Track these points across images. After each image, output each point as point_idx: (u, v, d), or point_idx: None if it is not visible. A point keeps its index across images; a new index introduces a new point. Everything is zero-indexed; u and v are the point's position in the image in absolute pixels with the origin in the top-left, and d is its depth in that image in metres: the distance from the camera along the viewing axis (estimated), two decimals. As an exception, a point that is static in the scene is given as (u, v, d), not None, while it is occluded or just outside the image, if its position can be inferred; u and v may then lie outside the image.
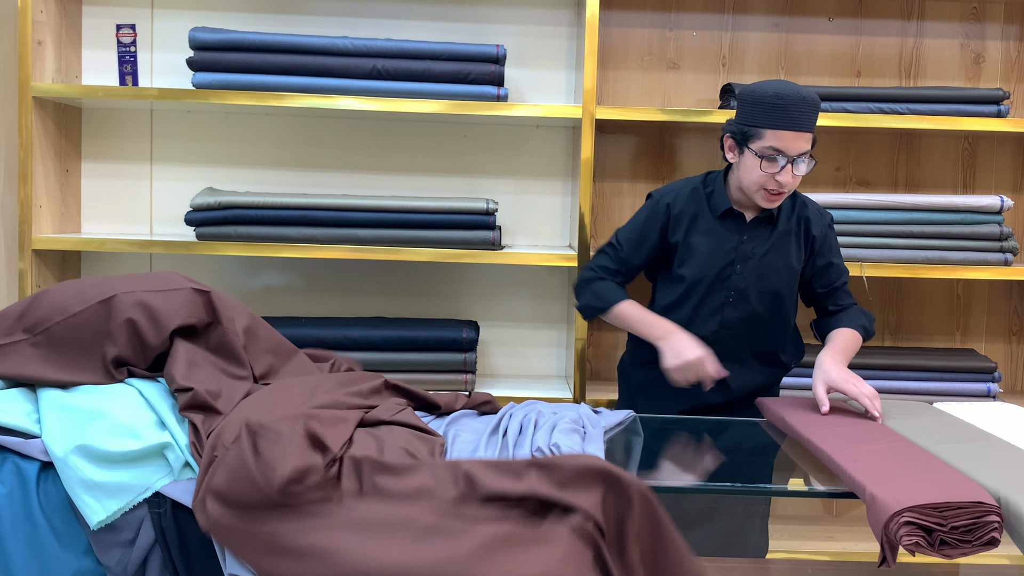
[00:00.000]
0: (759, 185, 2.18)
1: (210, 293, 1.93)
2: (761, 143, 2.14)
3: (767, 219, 2.30)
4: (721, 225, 2.29)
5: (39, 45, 2.78)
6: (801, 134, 2.12)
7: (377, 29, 3.06)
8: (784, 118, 2.11)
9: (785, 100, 2.10)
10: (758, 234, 2.29)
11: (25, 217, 2.76)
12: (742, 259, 2.28)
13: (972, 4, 3.16)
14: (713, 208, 2.30)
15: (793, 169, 2.14)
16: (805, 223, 2.32)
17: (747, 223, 2.29)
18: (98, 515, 1.62)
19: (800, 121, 2.11)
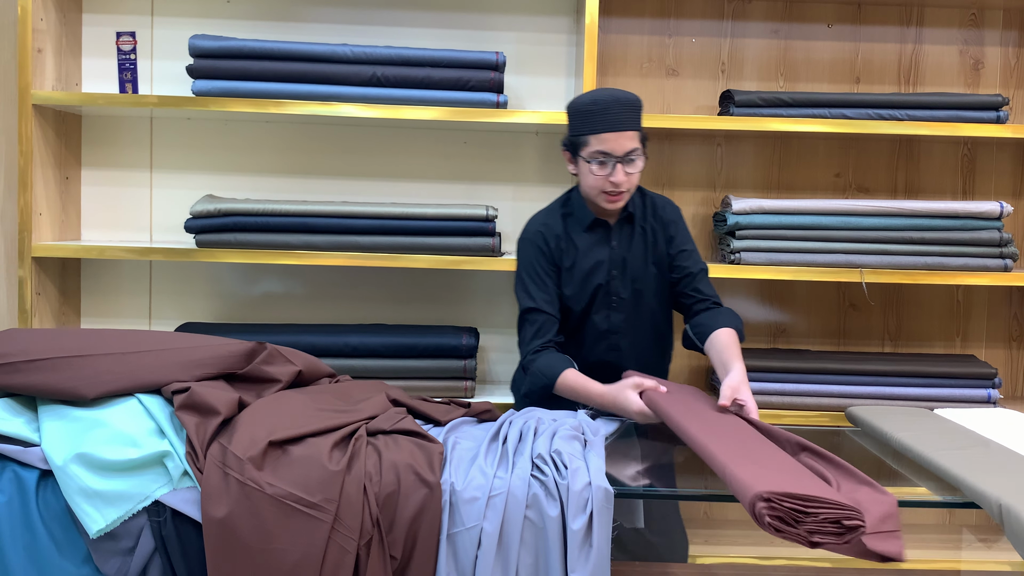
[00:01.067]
0: (597, 189, 2.27)
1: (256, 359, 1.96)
2: (589, 149, 2.24)
3: (628, 220, 2.37)
4: (591, 237, 2.37)
5: (39, 53, 2.79)
6: (622, 134, 2.21)
7: (377, 36, 3.06)
8: (602, 122, 2.21)
9: (600, 105, 2.22)
10: (624, 237, 2.37)
11: (25, 225, 2.76)
12: (616, 264, 2.35)
13: (971, 10, 3.16)
14: (580, 223, 2.37)
15: (624, 168, 2.22)
16: (657, 216, 2.39)
17: (612, 228, 2.36)
18: (97, 524, 1.62)
19: (617, 122, 2.21)
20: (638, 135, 2.24)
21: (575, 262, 2.36)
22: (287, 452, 1.69)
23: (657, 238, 2.38)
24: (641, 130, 2.26)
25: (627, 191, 2.27)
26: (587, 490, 1.68)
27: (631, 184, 2.26)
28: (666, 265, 2.39)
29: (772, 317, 3.21)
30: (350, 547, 1.61)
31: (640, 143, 2.25)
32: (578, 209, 2.38)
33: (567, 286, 2.36)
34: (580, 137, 2.25)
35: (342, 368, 2.74)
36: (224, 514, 1.59)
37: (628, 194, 2.29)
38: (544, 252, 2.36)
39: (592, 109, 2.23)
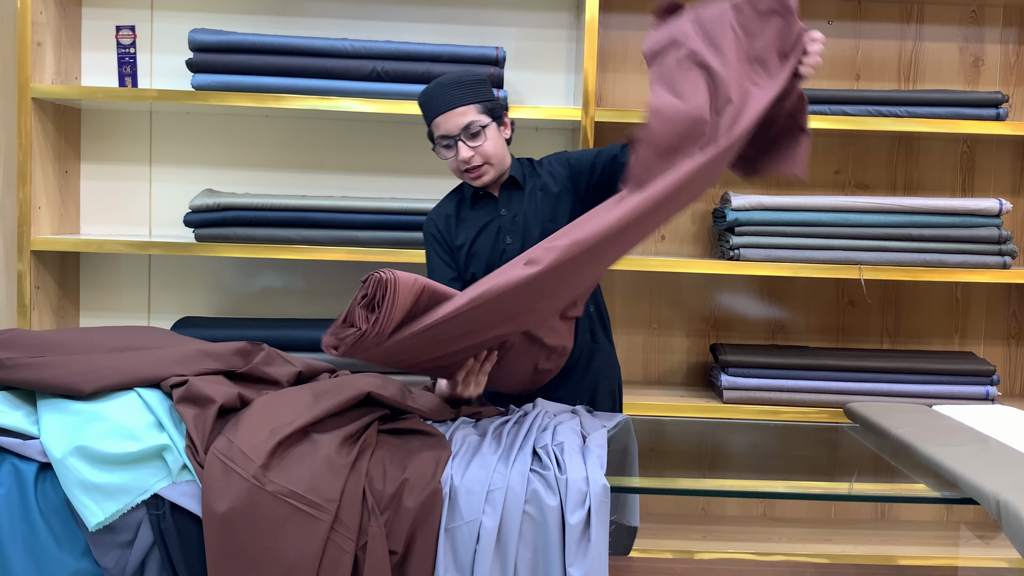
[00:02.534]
0: (457, 171, 2.27)
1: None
2: (436, 137, 2.25)
3: (515, 186, 2.34)
4: (478, 212, 2.35)
5: (39, 46, 2.78)
6: (451, 112, 2.19)
7: (377, 31, 3.06)
8: (431, 108, 2.22)
9: (427, 94, 2.23)
10: (511, 202, 2.33)
11: (24, 218, 2.76)
12: (507, 230, 2.32)
13: (971, 7, 3.16)
14: (467, 201, 2.37)
15: (468, 143, 2.21)
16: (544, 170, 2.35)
17: (499, 198, 2.34)
18: (96, 517, 1.62)
19: (442, 103, 2.20)
20: (475, 107, 2.20)
21: (467, 239, 2.34)
22: (293, 449, 1.69)
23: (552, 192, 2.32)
24: (481, 101, 2.21)
25: (484, 164, 2.23)
26: (585, 485, 1.68)
27: (485, 155, 2.22)
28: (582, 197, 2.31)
29: (771, 314, 3.21)
30: (348, 547, 1.61)
31: (483, 113, 2.21)
32: (467, 192, 2.37)
33: (466, 263, 2.34)
34: (429, 129, 2.26)
35: (341, 363, 2.75)
36: (225, 509, 1.60)
37: (491, 167, 2.25)
38: (437, 238, 2.37)
39: (423, 100, 2.24)
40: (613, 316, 3.18)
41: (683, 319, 3.21)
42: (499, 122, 2.26)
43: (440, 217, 2.38)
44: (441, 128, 2.21)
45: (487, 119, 2.22)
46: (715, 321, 3.21)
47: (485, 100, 2.22)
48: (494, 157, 2.24)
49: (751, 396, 2.88)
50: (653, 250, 3.18)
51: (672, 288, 3.20)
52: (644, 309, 3.21)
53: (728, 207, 2.89)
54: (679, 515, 3.22)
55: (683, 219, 3.17)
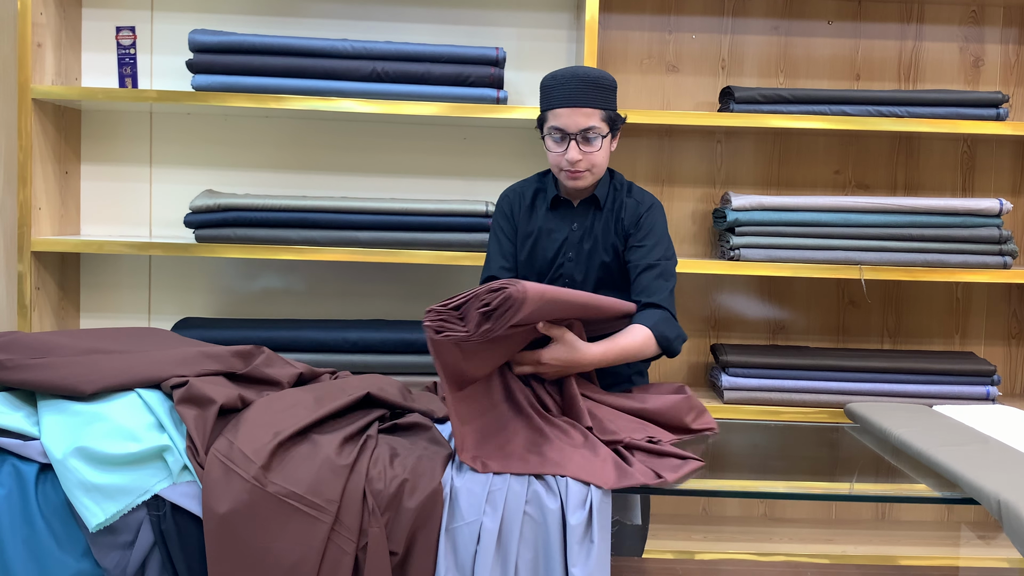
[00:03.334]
0: (557, 166, 2.24)
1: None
2: (548, 125, 2.21)
3: (594, 205, 2.32)
4: (553, 215, 2.33)
5: (39, 47, 2.78)
6: (577, 110, 2.15)
7: (377, 32, 3.06)
8: (558, 97, 2.17)
9: (558, 80, 2.18)
10: (586, 220, 2.31)
11: (24, 219, 2.76)
12: (572, 245, 2.31)
13: (971, 7, 3.16)
14: (545, 199, 2.34)
15: (580, 146, 2.17)
16: (620, 206, 2.31)
17: (575, 209, 2.32)
18: (97, 517, 1.62)
19: (572, 97, 2.15)
20: (600, 113, 2.17)
21: (532, 232, 2.33)
22: (293, 450, 1.69)
23: (623, 224, 2.30)
24: (607, 109, 2.19)
25: (587, 170, 2.21)
26: (586, 485, 1.68)
27: (590, 163, 2.20)
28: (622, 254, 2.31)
29: (771, 314, 3.21)
30: (348, 548, 1.61)
31: (604, 122, 2.19)
32: (548, 185, 2.36)
33: (521, 253, 2.34)
34: (543, 114, 2.23)
35: (342, 363, 2.75)
36: (226, 510, 1.60)
37: (591, 174, 2.23)
38: (507, 215, 2.36)
39: (550, 84, 2.19)
40: (613, 316, 3.19)
41: (684, 319, 3.21)
42: (614, 135, 2.24)
43: (516, 199, 2.36)
44: (560, 120, 2.17)
45: (606, 128, 2.19)
46: (715, 321, 3.21)
47: (610, 108, 2.20)
48: (598, 168, 2.23)
49: (752, 396, 2.88)
50: (653, 250, 3.17)
51: (672, 288, 3.20)
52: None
53: (728, 207, 2.89)
54: (680, 515, 3.22)
55: (683, 219, 3.17)
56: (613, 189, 2.33)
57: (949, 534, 3.21)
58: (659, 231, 2.28)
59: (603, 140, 2.19)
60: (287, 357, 2.61)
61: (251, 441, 1.66)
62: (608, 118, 2.19)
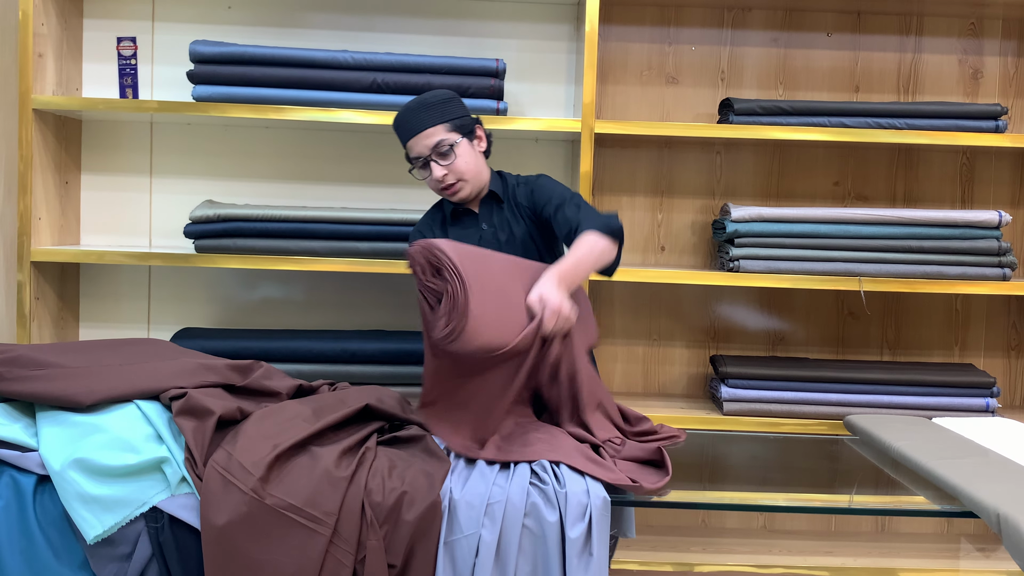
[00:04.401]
0: (436, 191, 2.32)
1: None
2: (411, 159, 2.30)
3: (495, 201, 2.38)
4: (460, 226, 2.39)
5: (40, 58, 2.79)
6: (420, 135, 2.24)
7: (377, 43, 3.07)
8: (402, 133, 2.28)
9: (397, 121, 2.28)
10: (492, 217, 2.37)
11: (24, 229, 2.76)
12: (488, 244, 2.35)
13: (970, 20, 3.17)
14: (448, 216, 2.40)
15: (439, 163, 2.25)
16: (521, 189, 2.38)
17: (480, 213, 2.38)
18: (95, 529, 1.62)
19: (410, 128, 2.25)
20: (443, 127, 2.24)
21: None
22: (292, 462, 1.69)
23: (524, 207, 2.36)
24: (448, 119, 2.25)
25: (459, 181, 2.27)
26: (585, 498, 1.68)
27: (458, 173, 2.26)
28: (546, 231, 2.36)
29: (771, 325, 3.21)
30: (347, 561, 1.61)
31: (453, 131, 2.24)
32: (446, 205, 2.41)
33: None
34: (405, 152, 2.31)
35: (340, 374, 2.74)
36: (224, 522, 1.59)
37: (466, 183, 2.29)
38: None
39: (395, 127, 2.29)
40: (613, 328, 3.19)
41: (683, 331, 3.21)
42: (471, 137, 2.29)
43: (426, 228, 2.42)
44: (413, 151, 2.27)
45: (457, 136, 2.25)
46: (715, 333, 3.21)
47: (453, 118, 2.26)
48: (468, 173, 2.28)
49: (751, 408, 2.87)
50: (653, 261, 3.18)
51: (672, 300, 3.20)
52: (644, 321, 3.21)
53: (728, 219, 2.89)
54: (679, 527, 3.21)
55: (683, 231, 3.17)
56: (504, 183, 2.40)
57: (948, 546, 3.20)
58: (554, 186, 2.34)
59: (457, 148, 2.25)
60: (286, 368, 2.63)
61: (250, 453, 1.66)
62: (455, 126, 2.26)
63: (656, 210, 3.17)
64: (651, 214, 3.17)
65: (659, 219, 3.17)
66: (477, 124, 2.32)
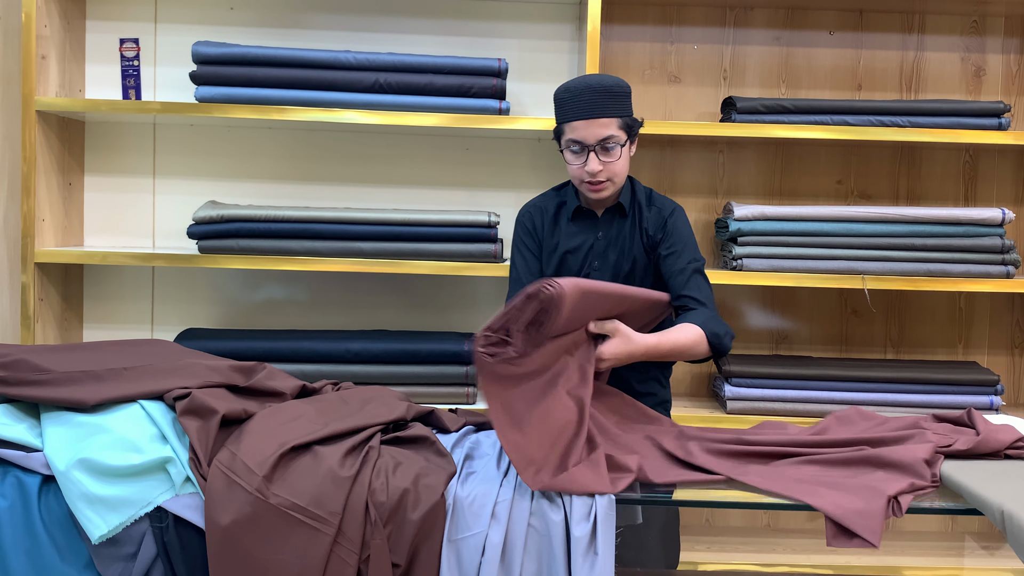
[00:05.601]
0: (578, 179, 2.22)
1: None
2: (565, 138, 2.19)
3: (619, 212, 2.30)
4: (576, 226, 2.32)
5: (43, 59, 2.80)
6: (592, 121, 2.13)
7: (379, 43, 3.07)
8: (572, 110, 2.15)
9: (571, 92, 2.16)
10: (611, 229, 2.30)
11: (28, 230, 2.76)
12: (597, 255, 2.30)
13: (972, 18, 3.17)
14: (567, 212, 2.33)
15: (600, 157, 2.16)
16: (642, 214, 2.31)
17: (600, 219, 2.31)
18: (100, 529, 1.62)
19: (586, 109, 2.13)
20: (617, 122, 2.15)
21: (557, 246, 2.31)
22: (296, 461, 1.69)
23: (648, 234, 2.29)
24: (624, 116, 2.17)
25: (609, 180, 2.19)
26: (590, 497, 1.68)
27: (611, 173, 2.18)
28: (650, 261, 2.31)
29: (774, 324, 3.21)
30: (351, 560, 1.61)
31: (622, 129, 2.16)
32: (569, 197, 2.34)
33: (547, 268, 2.32)
34: (559, 126, 2.21)
35: (344, 374, 2.75)
36: (228, 522, 1.59)
37: (613, 184, 2.21)
38: (530, 231, 2.34)
39: (564, 97, 2.17)
40: (616, 327, 3.18)
41: (686, 329, 3.20)
42: (633, 139, 2.21)
43: (538, 214, 2.34)
44: (577, 133, 2.16)
45: (624, 136, 2.17)
46: (718, 331, 3.21)
47: (627, 115, 2.18)
48: (619, 176, 2.21)
49: (755, 406, 2.87)
50: (656, 260, 3.18)
51: (675, 298, 3.20)
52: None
53: (731, 217, 2.89)
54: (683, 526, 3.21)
55: (686, 229, 3.17)
56: (635, 196, 2.32)
57: (953, 544, 3.20)
58: (685, 234, 2.28)
59: (622, 148, 2.17)
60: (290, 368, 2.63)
61: (254, 452, 1.66)
62: (625, 125, 2.17)
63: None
64: (654, 213, 3.17)
65: (662, 218, 3.17)
66: (639, 127, 2.23)
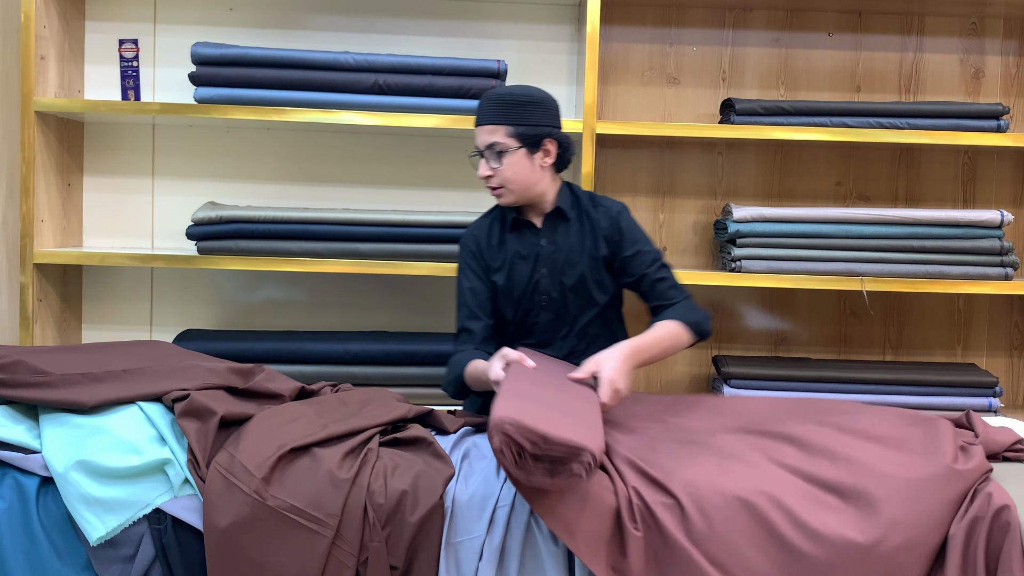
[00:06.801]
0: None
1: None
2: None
3: (560, 218, 2.33)
4: (518, 237, 2.34)
5: (42, 60, 2.79)
6: (481, 127, 2.23)
7: (379, 44, 3.07)
8: (477, 116, 2.25)
9: (478, 104, 2.26)
10: (555, 235, 2.32)
11: (27, 231, 2.76)
12: (544, 262, 2.31)
13: (971, 19, 3.17)
14: (508, 225, 2.35)
15: (488, 162, 2.23)
16: (596, 214, 2.33)
17: (541, 228, 2.33)
18: (98, 531, 1.62)
19: (480, 116, 2.23)
20: (506, 129, 2.19)
21: (505, 262, 2.33)
22: (294, 463, 1.69)
23: (596, 237, 2.31)
24: (516, 124, 2.20)
25: (503, 188, 2.24)
26: None
27: (503, 179, 2.22)
28: (612, 266, 2.32)
29: (773, 325, 3.21)
30: (349, 562, 1.61)
31: (512, 138, 2.20)
32: (507, 212, 2.36)
33: (499, 281, 2.34)
34: None
35: (343, 375, 2.75)
36: (226, 524, 1.59)
37: (508, 191, 2.24)
38: (474, 254, 2.36)
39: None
40: (615, 328, 3.18)
41: (685, 331, 3.20)
42: (534, 149, 2.23)
43: (481, 233, 2.37)
44: (476, 139, 2.25)
45: (514, 144, 2.20)
46: (717, 333, 3.21)
47: (520, 124, 2.20)
48: (512, 183, 2.23)
49: (753, 408, 2.87)
50: (655, 262, 3.18)
51: (674, 300, 3.20)
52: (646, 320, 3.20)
53: (729, 219, 2.89)
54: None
55: (685, 231, 3.17)
56: (576, 200, 2.36)
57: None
58: (637, 232, 2.33)
59: (510, 155, 2.21)
60: (289, 369, 2.63)
61: (252, 455, 1.66)
62: (517, 133, 2.20)
63: (658, 210, 3.17)
64: (653, 215, 3.17)
65: (661, 220, 3.17)
66: (548, 138, 2.24)
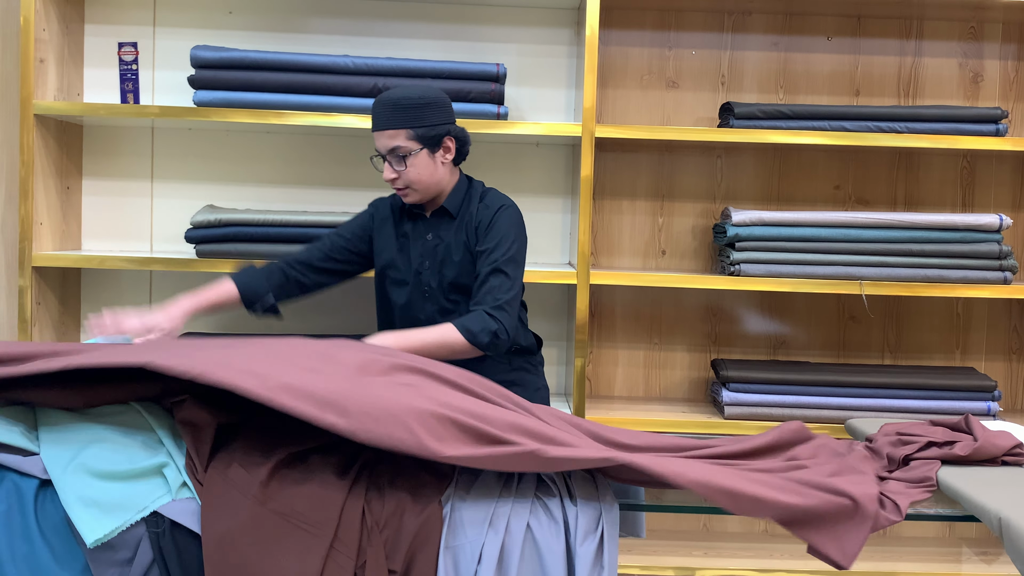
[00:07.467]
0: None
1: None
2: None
3: (447, 215, 2.39)
4: (411, 224, 2.42)
5: (41, 63, 2.80)
6: (380, 133, 2.28)
7: (378, 48, 3.07)
8: (373, 122, 2.30)
9: (372, 106, 2.30)
10: (439, 229, 2.39)
11: (26, 234, 2.76)
12: (427, 254, 2.38)
13: (970, 23, 3.17)
14: (403, 212, 2.44)
15: (393, 166, 2.28)
16: (478, 212, 2.38)
17: (428, 220, 2.41)
18: (95, 533, 1.61)
19: (376, 122, 2.28)
20: (406, 132, 2.24)
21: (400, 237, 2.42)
22: (292, 468, 1.68)
23: (471, 233, 2.37)
24: (414, 127, 2.24)
25: (409, 188, 2.31)
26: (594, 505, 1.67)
27: (408, 180, 2.29)
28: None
29: (772, 329, 3.21)
30: (348, 566, 1.61)
31: (414, 140, 2.25)
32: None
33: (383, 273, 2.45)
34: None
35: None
36: (224, 528, 1.59)
37: (414, 191, 2.31)
38: (370, 215, 2.48)
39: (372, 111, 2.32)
40: (614, 332, 3.19)
41: (684, 335, 3.21)
42: (434, 148, 2.29)
43: (384, 204, 2.48)
44: (376, 144, 2.30)
45: (416, 146, 2.26)
46: (716, 336, 3.21)
47: (419, 126, 2.25)
48: (418, 184, 2.30)
49: (752, 412, 2.87)
50: (654, 265, 3.18)
51: (673, 304, 3.20)
52: (645, 324, 3.21)
53: (728, 222, 2.89)
54: (681, 531, 3.21)
55: (684, 235, 3.17)
56: (468, 198, 2.40)
57: (950, 551, 3.20)
58: (502, 232, 2.32)
59: (413, 157, 2.26)
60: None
61: (250, 458, 1.66)
62: (418, 135, 2.25)
63: (657, 214, 3.17)
64: (652, 218, 3.17)
65: (660, 223, 3.17)
66: (447, 136, 2.30)
